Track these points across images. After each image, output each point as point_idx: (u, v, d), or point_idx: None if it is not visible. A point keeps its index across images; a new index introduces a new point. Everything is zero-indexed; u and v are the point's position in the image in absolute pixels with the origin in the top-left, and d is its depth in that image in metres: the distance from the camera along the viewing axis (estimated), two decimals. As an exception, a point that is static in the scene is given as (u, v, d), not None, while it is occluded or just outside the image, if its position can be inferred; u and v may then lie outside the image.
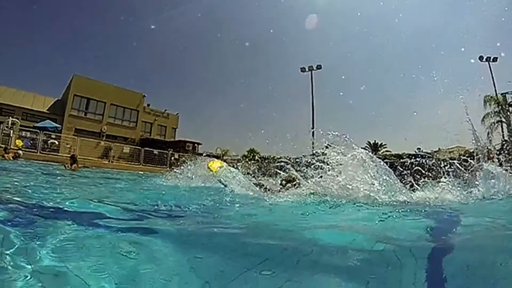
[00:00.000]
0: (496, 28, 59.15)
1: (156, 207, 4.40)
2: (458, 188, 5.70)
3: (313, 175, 6.32)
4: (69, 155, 23.31)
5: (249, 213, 4.53)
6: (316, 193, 5.59)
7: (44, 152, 24.44)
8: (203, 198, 5.63)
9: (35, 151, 23.98)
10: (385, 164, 6.14)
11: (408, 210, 4.18)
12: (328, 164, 6.17)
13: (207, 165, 7.43)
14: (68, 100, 37.12)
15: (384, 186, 5.43)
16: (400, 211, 4.16)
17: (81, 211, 3.76)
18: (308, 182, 6.20)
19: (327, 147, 6.38)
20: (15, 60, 54.29)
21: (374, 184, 5.41)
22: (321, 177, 6.09)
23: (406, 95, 70.50)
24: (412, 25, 69.92)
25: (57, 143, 26.73)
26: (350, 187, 5.39)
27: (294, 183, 6.47)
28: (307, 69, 42.95)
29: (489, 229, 3.34)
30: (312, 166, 6.43)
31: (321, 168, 6.24)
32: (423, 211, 4.17)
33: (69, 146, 27.58)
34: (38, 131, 26.04)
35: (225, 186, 6.59)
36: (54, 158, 23.10)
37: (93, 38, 64.67)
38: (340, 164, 6.03)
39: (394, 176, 5.92)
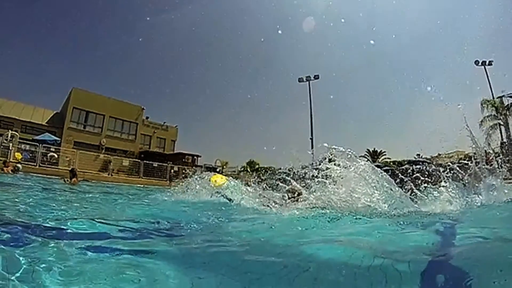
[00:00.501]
0: (492, 35, 59.90)
1: (157, 225, 4.44)
2: (457, 196, 5.73)
3: (315, 190, 6.31)
4: (68, 168, 23.32)
5: (250, 229, 4.52)
6: (319, 206, 5.61)
7: (43, 165, 24.43)
8: (205, 214, 5.60)
9: (34, 164, 23.97)
10: (386, 174, 6.18)
11: (407, 223, 4.21)
12: (330, 177, 6.20)
13: (210, 179, 7.44)
14: (67, 113, 37.17)
15: (385, 197, 5.49)
16: (399, 223, 4.19)
17: (82, 231, 3.74)
18: (311, 196, 6.19)
19: (330, 161, 6.41)
20: (15, 72, 54.45)
21: (374, 196, 5.47)
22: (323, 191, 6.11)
23: (405, 102, 71.02)
24: (410, 32, 70.63)
25: (56, 156, 26.71)
26: (351, 199, 5.43)
27: (297, 196, 6.47)
28: (304, 79, 43.22)
29: (485, 241, 3.36)
30: (316, 180, 6.45)
31: (323, 182, 6.26)
32: (422, 222, 4.21)
33: (68, 159, 27.58)
34: (37, 144, 26.04)
35: (230, 200, 6.57)
36: (54, 171, 23.09)
37: (93, 51, 65.13)
38: (342, 178, 6.07)
39: (395, 186, 5.96)
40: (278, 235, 4.11)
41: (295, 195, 6.42)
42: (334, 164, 6.28)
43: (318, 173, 6.47)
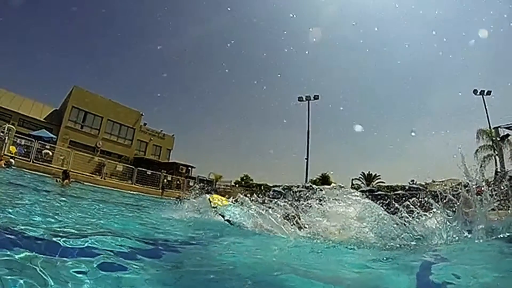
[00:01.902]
0: (491, 63, 61.02)
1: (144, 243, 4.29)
2: (443, 228, 5.68)
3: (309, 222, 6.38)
4: (61, 167, 23.17)
5: (233, 253, 4.43)
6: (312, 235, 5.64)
7: (37, 161, 24.17)
8: (198, 234, 5.61)
9: (28, 160, 23.71)
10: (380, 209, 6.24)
11: (388, 258, 4.17)
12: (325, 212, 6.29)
13: (209, 199, 7.31)
14: (66, 111, 37.01)
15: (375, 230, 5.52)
16: (381, 259, 4.17)
17: (72, 246, 3.59)
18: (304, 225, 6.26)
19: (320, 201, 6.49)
20: (18, 63, 54.37)
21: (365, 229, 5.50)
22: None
23: (401, 126, 71.71)
24: (409, 57, 71.61)
25: (51, 153, 26.42)
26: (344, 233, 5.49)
27: (295, 220, 6.43)
28: (304, 99, 43.31)
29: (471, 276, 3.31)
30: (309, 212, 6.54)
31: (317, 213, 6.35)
32: (403, 259, 4.13)
33: (62, 157, 27.31)
34: (33, 139, 25.75)
35: (229, 222, 6.39)
36: (47, 169, 22.82)
37: (98, 52, 65.31)
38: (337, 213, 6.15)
39: (388, 219, 5.96)
40: (254, 261, 4.00)
41: (294, 220, 6.42)
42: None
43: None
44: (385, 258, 4.16)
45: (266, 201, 7.05)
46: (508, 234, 5.04)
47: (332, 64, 78.04)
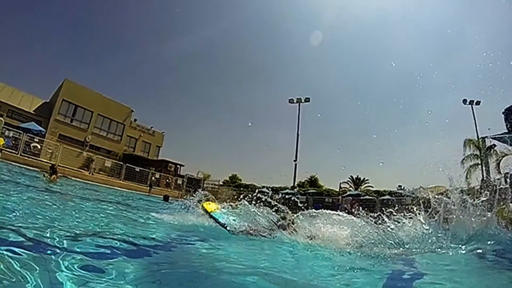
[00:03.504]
0: (481, 73, 61.86)
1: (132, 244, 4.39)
2: (420, 236, 5.83)
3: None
4: (50, 161, 23.03)
5: (210, 255, 4.55)
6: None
7: (25, 154, 23.94)
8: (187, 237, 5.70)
9: (16, 152, 23.47)
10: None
11: (367, 267, 4.28)
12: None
13: (202, 205, 7.37)
14: (56, 104, 36.64)
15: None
16: (359, 268, 4.30)
17: (54, 244, 3.68)
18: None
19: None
20: (9, 53, 53.71)
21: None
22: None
23: (391, 131, 72.21)
24: (401, 65, 72.59)
25: (39, 147, 26.17)
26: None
27: (290, 224, 6.54)
28: (295, 101, 43.44)
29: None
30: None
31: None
32: (380, 267, 4.28)
33: (51, 151, 27.09)
34: (22, 132, 25.46)
35: (224, 226, 6.44)
36: (34, 162, 22.73)
37: (95, 47, 64.85)
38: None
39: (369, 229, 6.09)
40: (232, 265, 4.11)
41: (289, 223, 6.53)
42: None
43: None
44: (359, 266, 4.31)
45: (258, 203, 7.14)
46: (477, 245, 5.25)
47: (325, 67, 78.57)
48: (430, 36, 71.00)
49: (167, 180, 36.21)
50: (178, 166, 44.29)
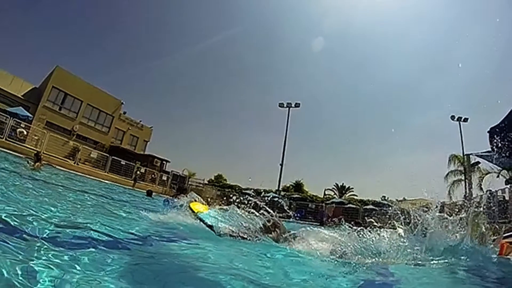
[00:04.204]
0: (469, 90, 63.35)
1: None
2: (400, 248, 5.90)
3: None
4: (35, 148, 22.80)
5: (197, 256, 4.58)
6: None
7: (10, 140, 23.62)
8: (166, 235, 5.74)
9: (1, 137, 23.18)
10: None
11: (340, 275, 4.36)
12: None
13: (189, 205, 7.36)
14: (46, 91, 36.27)
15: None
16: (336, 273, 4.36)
17: (30, 234, 3.69)
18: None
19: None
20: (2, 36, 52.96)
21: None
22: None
23: (379, 141, 73.36)
24: (392, 76, 73.46)
25: (25, 133, 25.85)
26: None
27: (274, 228, 6.55)
28: (285, 105, 43.61)
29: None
30: None
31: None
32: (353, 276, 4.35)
33: (37, 138, 26.81)
34: (8, 116, 25.13)
35: (211, 227, 6.41)
36: (19, 148, 22.50)
37: (87, 37, 64.33)
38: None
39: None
40: (210, 264, 4.15)
41: (273, 227, 6.54)
42: None
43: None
44: (333, 273, 4.39)
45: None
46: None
47: (316, 74, 79.10)
48: (421, 52, 72.14)
49: (153, 175, 36.07)
50: (164, 162, 44.25)
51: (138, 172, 32.49)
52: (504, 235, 6.69)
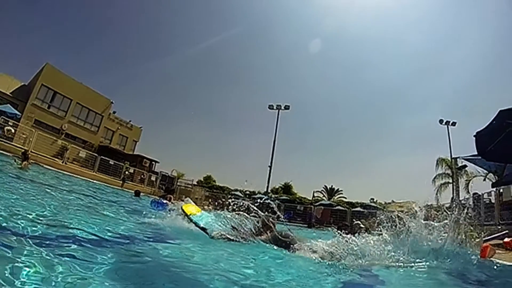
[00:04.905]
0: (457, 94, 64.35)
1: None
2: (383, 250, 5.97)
3: None
4: (23, 147, 22.57)
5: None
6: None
7: (-4, 138, 23.33)
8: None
9: (-12, 135, 22.91)
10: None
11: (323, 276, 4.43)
12: None
13: (181, 207, 7.37)
14: (35, 88, 35.66)
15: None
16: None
17: (25, 235, 3.71)
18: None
19: None
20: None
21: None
22: None
23: (368, 144, 74.06)
24: (382, 79, 74.18)
25: (13, 131, 25.51)
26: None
27: (267, 229, 6.58)
28: (275, 107, 43.44)
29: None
30: None
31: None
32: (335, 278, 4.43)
33: (25, 136, 26.51)
34: (-4, 114, 24.85)
35: (204, 230, 6.41)
36: (6, 146, 22.21)
37: (79, 35, 63.87)
38: None
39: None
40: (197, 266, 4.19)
41: (265, 229, 6.56)
42: None
43: None
44: (316, 274, 4.46)
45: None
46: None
47: (306, 76, 79.56)
48: (412, 56, 72.90)
49: (142, 176, 35.90)
50: (153, 162, 44.07)
51: (126, 172, 32.30)
52: (484, 238, 6.85)
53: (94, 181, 24.25)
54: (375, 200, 52.15)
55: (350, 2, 73.01)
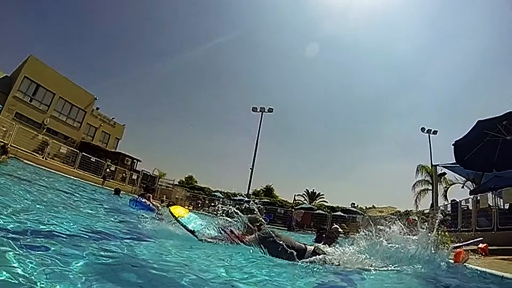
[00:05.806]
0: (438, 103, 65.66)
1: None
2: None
3: None
4: (2, 140, 22.18)
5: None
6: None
7: (-25, 130, 22.88)
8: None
9: (-33, 127, 22.45)
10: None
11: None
12: None
13: (169, 209, 7.34)
14: (17, 80, 35.09)
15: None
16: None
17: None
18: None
19: None
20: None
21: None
22: None
23: (350, 149, 74.87)
24: (369, 86, 75.18)
25: (-8, 124, 25.08)
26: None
27: (259, 226, 6.56)
28: (258, 109, 43.71)
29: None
30: None
31: None
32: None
33: (5, 129, 26.02)
34: (-25, 105, 24.35)
35: (193, 233, 6.38)
36: (-15, 139, 21.78)
37: (65, 28, 63.03)
38: None
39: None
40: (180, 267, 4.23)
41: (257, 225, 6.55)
42: None
43: None
44: (288, 275, 4.52)
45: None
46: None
47: (291, 80, 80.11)
48: (397, 65, 73.95)
49: (123, 174, 35.57)
50: (135, 161, 43.72)
51: (108, 170, 31.96)
52: (456, 245, 7.03)
53: (75, 178, 23.97)
54: (356, 205, 52.74)
55: (342, 11, 73.73)
